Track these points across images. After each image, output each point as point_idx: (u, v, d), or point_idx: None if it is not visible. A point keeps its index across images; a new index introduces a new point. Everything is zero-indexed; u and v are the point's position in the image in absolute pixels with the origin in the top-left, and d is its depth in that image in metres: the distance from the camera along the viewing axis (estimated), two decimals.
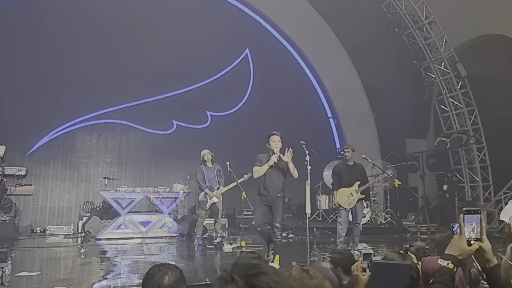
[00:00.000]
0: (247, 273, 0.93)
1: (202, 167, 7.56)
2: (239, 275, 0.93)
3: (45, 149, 9.80)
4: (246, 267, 0.96)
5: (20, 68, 9.10)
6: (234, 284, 0.92)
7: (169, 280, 1.65)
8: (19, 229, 8.86)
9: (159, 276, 1.65)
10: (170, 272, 1.68)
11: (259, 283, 0.91)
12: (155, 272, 1.67)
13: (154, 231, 8.30)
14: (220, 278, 0.95)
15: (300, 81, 12.41)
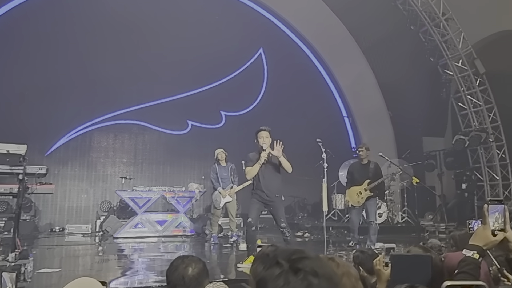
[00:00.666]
0: (291, 257, 0.95)
1: (215, 166, 7.59)
2: (283, 259, 0.94)
3: (63, 149, 9.98)
4: (288, 251, 0.97)
5: (38, 70, 9.25)
6: (279, 267, 0.93)
7: (193, 272, 1.66)
8: (38, 228, 9.07)
9: (182, 267, 1.66)
10: (193, 264, 1.69)
11: (304, 266, 0.92)
12: (178, 264, 1.68)
13: (170, 230, 8.37)
14: (263, 262, 0.96)
15: (314, 80, 12.36)
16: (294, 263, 0.93)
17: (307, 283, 0.90)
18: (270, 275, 0.93)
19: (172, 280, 1.63)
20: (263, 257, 1.00)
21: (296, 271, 0.92)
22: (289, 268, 0.93)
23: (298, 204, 11.04)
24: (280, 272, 0.92)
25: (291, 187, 10.97)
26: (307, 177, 10.43)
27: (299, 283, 0.90)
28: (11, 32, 9.40)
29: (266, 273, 0.94)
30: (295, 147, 10.69)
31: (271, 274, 0.93)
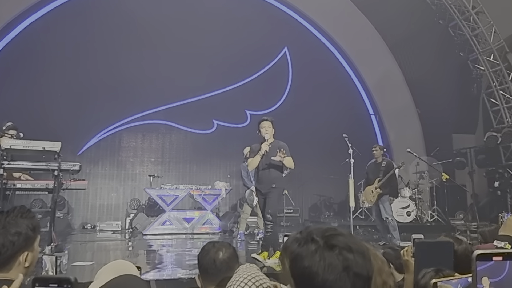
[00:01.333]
0: (325, 234, 0.97)
1: (245, 164, 7.62)
2: (318, 236, 0.97)
3: (94, 149, 10.30)
4: (322, 229, 0.99)
5: (71, 73, 9.60)
6: (314, 243, 0.95)
7: (224, 256, 1.70)
8: (71, 225, 9.41)
9: (213, 251, 1.71)
10: (224, 249, 1.74)
11: (338, 242, 0.95)
12: (210, 248, 1.73)
13: (197, 227, 8.49)
14: (298, 239, 0.99)
15: (340, 78, 12.25)
16: (329, 240, 0.95)
17: (342, 258, 0.92)
18: (306, 252, 0.95)
19: (204, 264, 1.67)
20: (296, 235, 1.03)
21: (332, 247, 0.94)
22: (324, 244, 0.94)
23: (324, 203, 10.97)
24: (316, 248, 0.94)
25: (317, 186, 10.93)
26: (332, 175, 10.37)
27: (335, 258, 0.92)
28: (46, 38, 9.80)
29: (301, 250, 0.96)
30: (320, 145, 10.72)
31: (306, 250, 0.95)
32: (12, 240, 1.46)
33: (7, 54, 9.72)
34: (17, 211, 1.54)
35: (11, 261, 1.48)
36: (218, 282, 1.66)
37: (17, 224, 1.49)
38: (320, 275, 0.91)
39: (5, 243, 1.45)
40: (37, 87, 9.27)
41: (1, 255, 1.45)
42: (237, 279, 1.73)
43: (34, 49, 9.70)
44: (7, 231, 1.46)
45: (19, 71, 9.52)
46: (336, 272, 0.91)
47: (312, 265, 0.93)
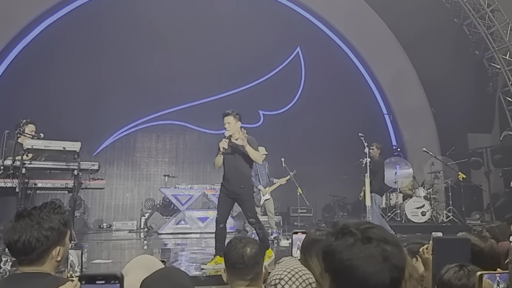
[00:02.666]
0: (360, 227, 0.98)
1: (255, 164, 7.65)
2: (355, 229, 0.98)
3: (109, 149, 10.45)
4: (356, 222, 1.01)
5: (86, 74, 9.73)
6: (352, 236, 0.96)
7: (251, 251, 1.73)
8: (88, 225, 9.57)
9: (240, 246, 1.74)
10: (251, 244, 1.77)
11: (374, 235, 0.96)
12: (237, 243, 1.76)
13: (212, 226, 8.46)
14: (333, 233, 1.00)
15: (353, 77, 12.20)
16: (365, 232, 0.96)
17: (380, 249, 0.93)
18: (344, 245, 0.96)
19: (231, 259, 1.70)
20: (331, 229, 1.04)
21: (369, 239, 0.95)
22: (362, 236, 0.96)
23: (337, 203, 10.94)
24: (354, 240, 0.95)
25: (330, 186, 10.91)
26: (346, 175, 10.33)
27: (374, 250, 0.93)
28: (63, 40, 9.99)
29: (339, 243, 0.97)
30: (333, 145, 10.70)
31: (344, 243, 0.96)
32: (46, 235, 1.51)
33: (25, 56, 9.93)
34: (49, 207, 1.59)
35: (45, 255, 1.53)
36: (245, 277, 1.69)
37: (51, 220, 1.54)
38: (360, 267, 0.92)
39: (39, 238, 1.50)
40: (54, 88, 9.43)
41: (36, 250, 1.50)
42: (282, 271, 1.76)
43: (51, 51, 9.89)
44: (41, 227, 1.51)
45: (36, 73, 9.70)
46: (376, 264, 0.92)
47: (351, 257, 0.93)
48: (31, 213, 1.53)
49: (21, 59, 9.92)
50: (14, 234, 1.49)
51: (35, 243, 1.49)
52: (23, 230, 1.49)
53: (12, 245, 1.49)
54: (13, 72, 9.82)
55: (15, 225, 1.51)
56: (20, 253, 1.49)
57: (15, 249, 1.49)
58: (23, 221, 1.51)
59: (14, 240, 1.48)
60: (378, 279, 0.92)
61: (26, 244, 1.48)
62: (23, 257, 1.49)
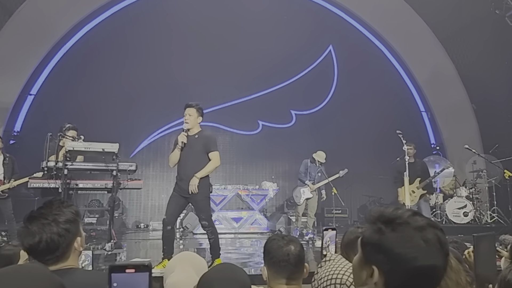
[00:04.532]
0: (406, 215, 0.98)
1: (307, 162, 7.59)
2: (400, 219, 0.97)
3: (145, 151, 10.69)
4: (398, 210, 0.99)
5: (122, 78, 10.02)
6: (406, 226, 0.95)
7: (295, 250, 1.71)
8: (126, 225, 9.83)
9: (284, 244, 1.71)
10: (294, 243, 1.75)
11: (423, 221, 0.96)
12: (279, 241, 1.73)
13: (246, 227, 8.57)
14: (381, 224, 0.97)
15: (388, 74, 11.89)
16: (415, 220, 0.95)
17: (435, 235, 0.93)
18: (401, 236, 0.93)
19: (275, 256, 1.67)
20: (370, 224, 1.00)
21: (423, 227, 0.93)
22: (416, 225, 0.94)
23: (373, 203, 10.69)
24: (410, 231, 0.93)
25: (366, 186, 10.67)
26: (382, 175, 10.08)
27: (431, 237, 0.92)
28: (101, 44, 10.36)
29: (395, 235, 0.94)
30: (368, 145, 10.46)
31: (401, 234, 0.93)
32: (65, 228, 1.51)
33: (65, 62, 10.37)
34: (56, 203, 1.58)
35: (69, 249, 1.53)
36: (290, 275, 1.66)
37: (64, 213, 1.53)
38: (422, 257, 0.90)
39: (60, 233, 1.49)
40: (93, 92, 9.77)
41: (60, 245, 1.49)
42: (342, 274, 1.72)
43: (90, 56, 10.25)
44: (58, 222, 1.50)
45: (76, 78, 10.08)
46: (435, 251, 0.91)
47: (413, 249, 0.91)
48: (42, 213, 1.52)
49: (61, 65, 10.36)
50: (34, 237, 1.46)
51: (58, 239, 1.48)
52: (41, 231, 1.47)
53: (35, 247, 1.47)
54: (54, 78, 10.27)
55: (30, 228, 1.48)
56: (46, 253, 1.47)
57: (39, 251, 1.47)
58: (37, 222, 1.49)
59: (35, 243, 1.46)
60: (438, 267, 0.90)
61: (49, 242, 1.46)
62: (49, 257, 1.48)
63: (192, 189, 4.28)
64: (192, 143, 4.44)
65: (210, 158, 4.44)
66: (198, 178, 4.30)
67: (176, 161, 4.52)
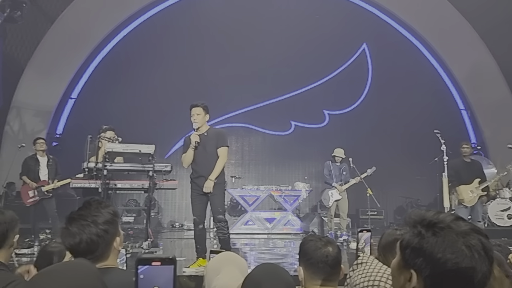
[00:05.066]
0: (447, 219, 0.95)
1: (329, 163, 7.55)
2: (442, 223, 0.94)
3: (179, 152, 10.82)
4: (440, 214, 0.97)
5: (157, 80, 10.26)
6: (449, 230, 0.92)
7: (333, 251, 1.69)
8: (161, 224, 10.07)
9: (322, 245, 1.70)
10: (331, 244, 1.72)
11: (466, 226, 0.93)
12: (316, 242, 1.71)
13: (279, 227, 8.56)
14: (422, 228, 0.94)
15: (425, 72, 11.51)
16: (458, 225, 0.92)
17: (479, 241, 0.90)
18: (443, 241, 0.90)
19: (313, 258, 1.66)
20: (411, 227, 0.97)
21: (466, 233, 0.91)
22: (459, 230, 0.91)
23: (410, 205, 10.39)
24: (453, 236, 0.91)
25: (402, 187, 10.40)
26: (419, 176, 9.80)
27: (475, 243, 0.89)
28: (137, 47, 10.68)
29: (437, 240, 0.91)
30: (404, 144, 10.19)
31: (443, 239, 0.91)
32: (104, 228, 1.54)
33: (103, 67, 10.77)
34: (95, 204, 1.62)
35: (108, 249, 1.57)
36: (327, 277, 1.65)
37: (102, 214, 1.57)
38: (465, 264, 0.87)
39: (99, 233, 1.53)
40: (129, 95, 10.08)
41: (100, 246, 1.53)
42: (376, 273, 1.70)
43: (126, 61, 10.59)
44: (97, 224, 1.54)
45: (113, 81, 10.41)
46: (480, 258, 0.88)
47: (455, 255, 0.88)
48: (82, 214, 1.56)
49: (100, 69, 10.77)
50: (74, 238, 1.51)
51: (97, 239, 1.52)
52: (81, 232, 1.51)
53: (76, 247, 1.51)
54: (93, 82, 10.69)
55: (70, 229, 1.53)
56: (86, 253, 1.51)
57: (80, 251, 1.51)
58: (77, 223, 1.53)
59: (76, 243, 1.50)
60: (481, 274, 0.87)
61: (89, 243, 1.50)
62: (89, 256, 1.51)
63: (207, 191, 4.41)
64: (203, 142, 4.55)
65: (219, 154, 4.50)
66: (213, 181, 4.41)
67: (190, 162, 4.63)
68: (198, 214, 4.58)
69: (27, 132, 9.86)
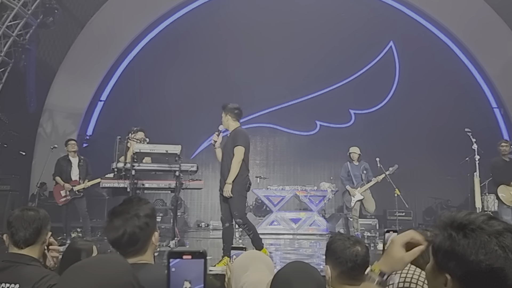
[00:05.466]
0: (480, 219, 0.92)
1: (347, 164, 7.47)
2: (473, 224, 0.92)
3: (205, 152, 11.00)
4: (472, 214, 0.94)
5: (183, 81, 10.38)
6: (482, 231, 0.90)
7: (362, 251, 1.68)
8: (187, 223, 10.20)
9: (350, 244, 1.68)
10: (360, 243, 1.71)
11: (500, 226, 0.90)
12: (344, 241, 1.70)
13: (304, 228, 8.52)
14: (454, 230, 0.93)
15: (455, 69, 11.18)
16: (491, 225, 0.90)
17: None
18: (476, 243, 0.88)
19: (342, 257, 1.64)
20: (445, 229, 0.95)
21: (500, 233, 0.88)
22: (492, 231, 0.89)
23: (440, 206, 10.11)
24: (486, 237, 0.88)
25: (431, 187, 10.14)
26: (449, 176, 9.53)
27: (510, 244, 0.87)
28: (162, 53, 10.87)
29: (469, 242, 0.89)
30: (434, 144, 9.93)
31: (476, 241, 0.89)
32: (145, 222, 1.59)
33: (130, 69, 11.04)
34: (136, 199, 1.68)
35: (147, 243, 1.62)
36: (355, 276, 1.63)
37: (143, 209, 1.62)
38: (499, 267, 0.85)
39: (141, 227, 1.58)
40: (156, 96, 10.28)
41: (141, 239, 1.58)
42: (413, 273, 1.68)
43: (152, 63, 10.81)
44: (139, 217, 1.59)
45: (140, 83, 10.68)
46: None
47: (488, 257, 0.86)
48: (124, 209, 1.61)
49: (127, 72, 11.03)
50: (117, 231, 1.56)
51: (139, 232, 1.57)
52: (125, 225, 1.56)
53: (119, 240, 1.56)
54: (121, 84, 10.97)
55: (113, 223, 1.58)
56: (128, 245, 1.57)
57: (123, 243, 1.56)
58: (120, 217, 1.58)
59: (119, 236, 1.56)
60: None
61: (131, 235, 1.55)
62: (131, 249, 1.57)
63: (226, 195, 4.49)
64: (226, 142, 4.71)
65: (233, 153, 4.51)
66: (231, 184, 4.46)
67: (220, 160, 4.81)
68: (223, 213, 4.70)
69: (59, 133, 10.22)
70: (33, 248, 1.88)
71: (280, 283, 1.35)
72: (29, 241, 1.87)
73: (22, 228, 1.86)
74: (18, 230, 1.86)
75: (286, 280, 1.35)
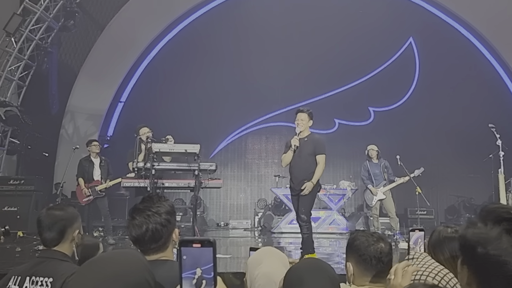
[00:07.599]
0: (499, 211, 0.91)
1: (367, 163, 7.37)
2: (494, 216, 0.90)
3: (223, 152, 11.08)
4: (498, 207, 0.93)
5: (202, 82, 10.46)
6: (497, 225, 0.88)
7: (386, 247, 1.65)
8: (207, 222, 10.27)
9: (374, 241, 1.66)
10: (383, 240, 1.68)
11: None
12: (368, 237, 1.67)
13: (324, 227, 8.45)
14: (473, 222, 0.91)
15: (477, 64, 10.90)
16: None
17: None
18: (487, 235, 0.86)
19: (366, 253, 1.62)
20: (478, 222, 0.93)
21: None
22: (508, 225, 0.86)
23: (463, 204, 9.89)
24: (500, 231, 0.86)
25: (454, 185, 9.94)
26: (472, 174, 9.31)
27: None
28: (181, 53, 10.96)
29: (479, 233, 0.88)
30: (455, 141, 9.70)
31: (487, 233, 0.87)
32: (167, 218, 1.61)
33: (149, 70, 11.18)
34: (156, 197, 1.69)
35: (169, 240, 1.63)
36: (379, 274, 1.60)
37: (164, 206, 1.64)
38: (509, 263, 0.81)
39: (163, 223, 1.59)
40: (175, 96, 10.37)
41: (163, 235, 1.59)
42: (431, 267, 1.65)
43: (171, 64, 10.90)
44: (161, 214, 1.61)
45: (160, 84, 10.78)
46: None
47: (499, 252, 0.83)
48: (146, 206, 1.62)
49: (146, 73, 11.17)
50: (140, 228, 1.57)
51: (161, 229, 1.58)
52: (147, 222, 1.57)
53: (142, 237, 1.57)
54: (141, 85, 11.11)
55: (135, 220, 1.60)
56: (151, 242, 1.58)
57: (145, 240, 1.57)
58: (142, 214, 1.60)
59: (142, 233, 1.57)
60: None
61: (154, 231, 1.57)
62: (153, 245, 1.58)
63: (306, 192, 4.63)
64: (302, 146, 4.77)
65: (318, 161, 4.74)
66: (314, 184, 4.64)
67: (288, 162, 4.88)
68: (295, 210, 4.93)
69: (80, 135, 10.43)
70: (62, 246, 1.93)
71: (293, 279, 1.36)
72: (54, 242, 1.92)
73: (46, 229, 1.91)
74: (43, 230, 1.92)
75: (299, 276, 1.35)
